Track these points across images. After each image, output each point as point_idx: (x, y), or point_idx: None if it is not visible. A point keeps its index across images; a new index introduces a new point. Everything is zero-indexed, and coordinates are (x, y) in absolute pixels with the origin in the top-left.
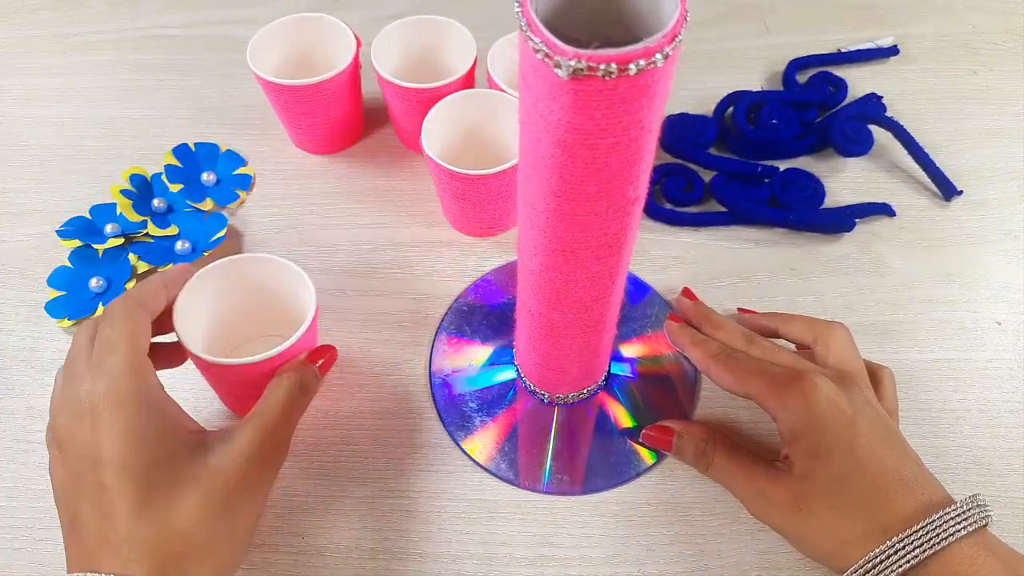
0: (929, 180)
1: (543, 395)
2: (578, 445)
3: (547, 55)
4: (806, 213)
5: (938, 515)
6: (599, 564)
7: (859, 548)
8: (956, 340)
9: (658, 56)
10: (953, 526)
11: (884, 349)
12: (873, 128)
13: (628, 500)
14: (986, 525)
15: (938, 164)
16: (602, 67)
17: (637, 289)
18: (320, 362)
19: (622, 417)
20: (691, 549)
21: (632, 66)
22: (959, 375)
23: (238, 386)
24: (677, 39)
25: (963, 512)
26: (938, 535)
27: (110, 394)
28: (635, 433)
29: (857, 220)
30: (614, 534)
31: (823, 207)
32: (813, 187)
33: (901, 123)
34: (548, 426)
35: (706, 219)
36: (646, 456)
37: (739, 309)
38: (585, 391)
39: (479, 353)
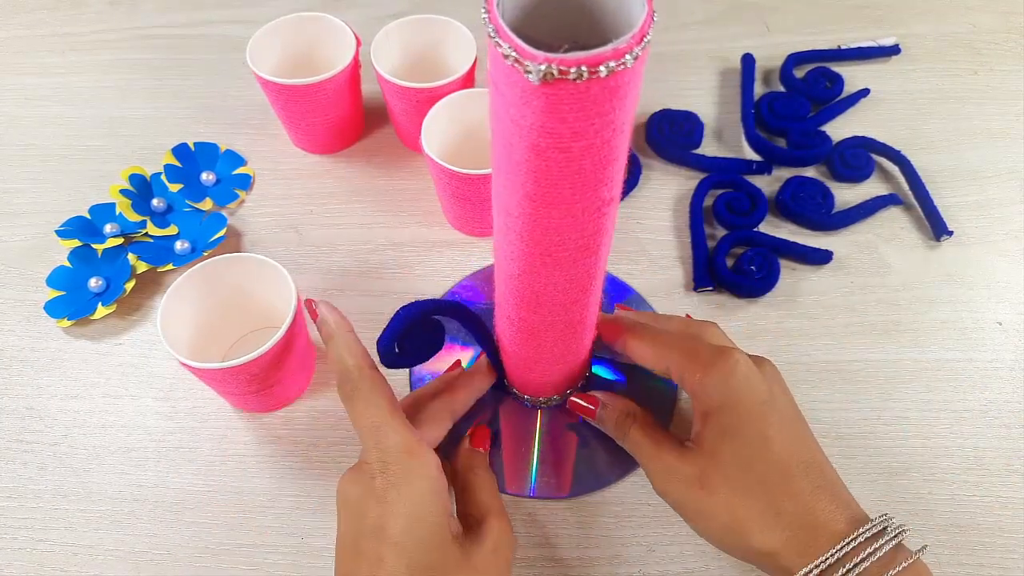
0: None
1: (526, 399)
2: (563, 448)
3: (517, 60)
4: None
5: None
6: (599, 564)
7: (755, 529)
8: (956, 340)
9: (628, 57)
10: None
11: (885, 349)
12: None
13: (628, 500)
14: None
15: (941, 162)
16: (573, 70)
17: (617, 290)
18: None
19: None
20: (691, 549)
21: (602, 68)
22: (960, 375)
23: (232, 387)
24: (646, 39)
25: (882, 521)
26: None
27: (400, 473)
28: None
29: (858, 220)
30: (614, 534)
31: (835, 211)
32: (822, 193)
33: (907, 156)
34: (532, 430)
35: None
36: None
37: (617, 305)
38: (567, 393)
39: (460, 357)
